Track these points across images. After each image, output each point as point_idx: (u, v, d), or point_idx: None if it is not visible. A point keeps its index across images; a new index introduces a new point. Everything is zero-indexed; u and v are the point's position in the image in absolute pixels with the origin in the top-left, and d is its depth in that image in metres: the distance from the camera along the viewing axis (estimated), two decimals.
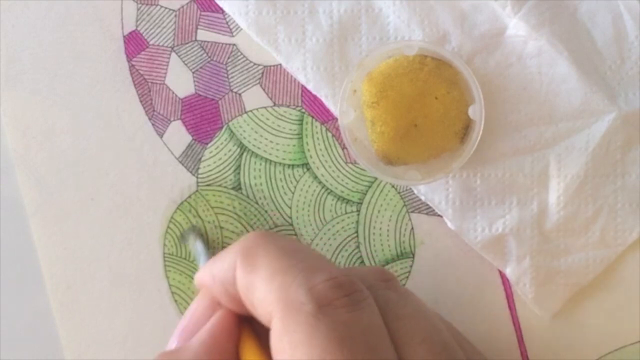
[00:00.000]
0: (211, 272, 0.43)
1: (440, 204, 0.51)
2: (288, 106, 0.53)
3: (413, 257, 0.52)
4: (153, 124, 0.53)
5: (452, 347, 0.41)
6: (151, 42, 0.53)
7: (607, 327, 0.51)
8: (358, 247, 0.53)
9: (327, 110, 0.52)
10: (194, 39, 0.53)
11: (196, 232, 0.52)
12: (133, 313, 0.53)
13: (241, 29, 0.52)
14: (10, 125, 0.53)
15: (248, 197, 0.53)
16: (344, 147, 0.52)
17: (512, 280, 0.51)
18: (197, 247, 0.52)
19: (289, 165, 0.53)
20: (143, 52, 0.53)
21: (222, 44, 0.53)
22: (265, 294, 0.40)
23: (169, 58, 0.53)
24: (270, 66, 0.52)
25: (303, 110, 0.53)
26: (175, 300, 0.53)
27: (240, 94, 0.53)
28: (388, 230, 0.53)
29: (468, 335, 0.52)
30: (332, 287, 0.39)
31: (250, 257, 0.41)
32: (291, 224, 0.53)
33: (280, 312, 0.39)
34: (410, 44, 0.49)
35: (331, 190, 0.53)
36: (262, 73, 0.53)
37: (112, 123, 0.53)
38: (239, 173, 0.53)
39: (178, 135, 0.53)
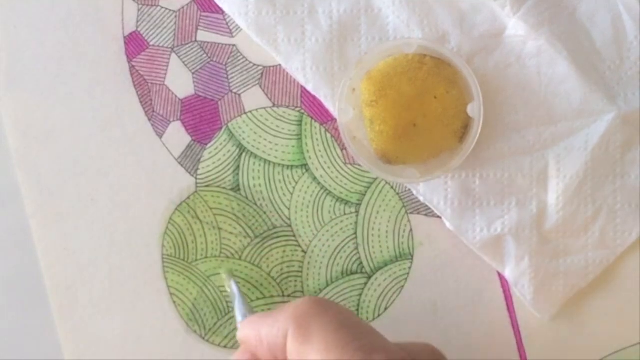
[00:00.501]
0: (259, 334, 0.43)
1: (439, 205, 0.51)
2: (287, 107, 0.53)
3: (412, 259, 0.52)
4: (153, 125, 0.53)
5: None
6: (151, 43, 0.53)
7: (607, 329, 0.51)
8: (357, 248, 0.52)
9: (327, 111, 0.52)
10: (194, 39, 0.53)
11: (230, 272, 0.52)
12: (132, 313, 0.53)
13: (241, 30, 0.52)
14: (11, 125, 0.53)
15: (247, 198, 0.53)
16: (343, 148, 0.52)
17: (511, 281, 0.51)
18: (232, 287, 0.51)
19: (288, 166, 0.53)
20: (143, 53, 0.53)
21: (222, 44, 0.53)
22: None
23: (169, 59, 0.53)
24: (269, 67, 0.53)
25: (302, 111, 0.53)
26: (174, 302, 0.53)
27: (239, 95, 0.53)
28: (387, 232, 0.52)
29: (467, 337, 0.52)
30: None
31: (305, 327, 0.40)
32: (290, 225, 0.53)
33: None
34: (409, 42, 0.49)
35: (330, 191, 0.53)
36: (262, 74, 0.53)
37: (112, 123, 0.53)
38: (238, 174, 0.53)
39: (177, 136, 0.53)
